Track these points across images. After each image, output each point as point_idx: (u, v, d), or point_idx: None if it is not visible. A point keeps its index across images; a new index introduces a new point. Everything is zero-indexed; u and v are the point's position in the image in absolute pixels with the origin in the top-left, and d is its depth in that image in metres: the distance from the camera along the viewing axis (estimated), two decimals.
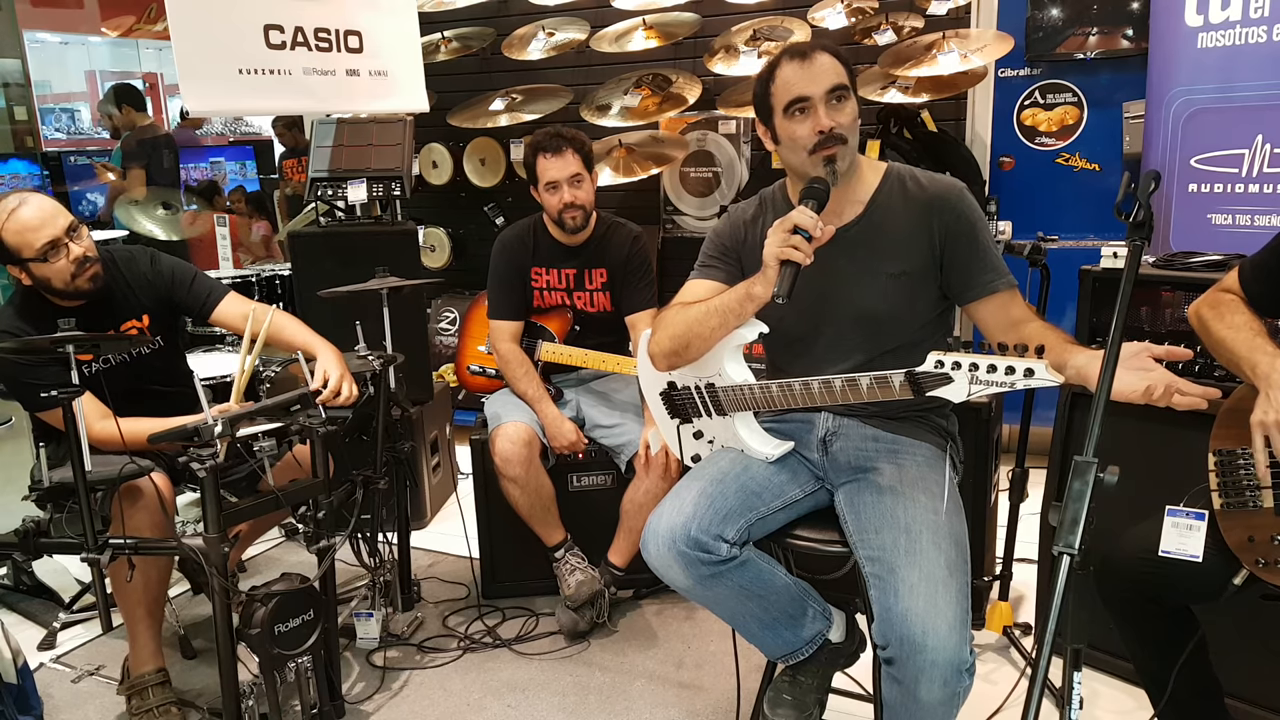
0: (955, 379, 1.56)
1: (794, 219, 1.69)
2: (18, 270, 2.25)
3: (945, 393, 1.58)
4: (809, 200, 1.73)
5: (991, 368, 1.52)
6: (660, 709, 2.40)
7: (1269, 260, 1.69)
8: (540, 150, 2.72)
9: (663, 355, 1.91)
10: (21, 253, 2.21)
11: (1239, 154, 2.80)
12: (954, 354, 1.55)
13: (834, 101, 1.78)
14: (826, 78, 1.78)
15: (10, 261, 2.23)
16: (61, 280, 2.25)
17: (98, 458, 2.12)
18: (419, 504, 3.52)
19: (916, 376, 1.61)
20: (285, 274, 3.94)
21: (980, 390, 1.55)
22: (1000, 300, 1.82)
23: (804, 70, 1.78)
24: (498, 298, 2.89)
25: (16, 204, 2.21)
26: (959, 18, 3.78)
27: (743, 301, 1.78)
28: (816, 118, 1.77)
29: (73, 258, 2.24)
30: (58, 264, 2.23)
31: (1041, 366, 1.50)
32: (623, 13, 4.08)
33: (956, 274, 1.84)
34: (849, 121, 1.79)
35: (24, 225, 2.19)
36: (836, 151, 1.78)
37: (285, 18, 3.34)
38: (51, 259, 2.22)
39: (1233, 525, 1.63)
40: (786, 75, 1.80)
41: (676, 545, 1.74)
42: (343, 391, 2.29)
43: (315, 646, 2.14)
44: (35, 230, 2.19)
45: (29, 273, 2.24)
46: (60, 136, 7.42)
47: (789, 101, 1.79)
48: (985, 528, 2.63)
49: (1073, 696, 1.42)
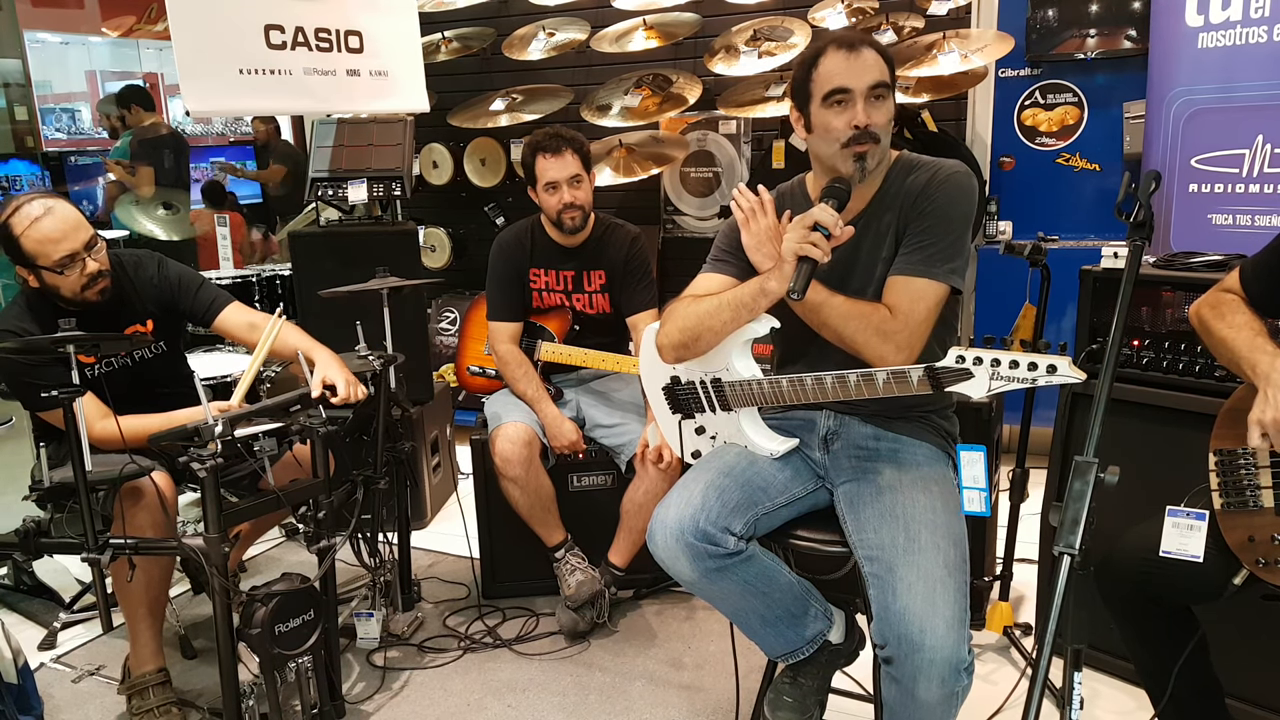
0: (976, 374, 1.55)
1: (815, 216, 1.68)
2: (27, 272, 2.25)
3: (965, 388, 1.57)
4: (830, 199, 1.72)
5: (1014, 363, 1.51)
6: (660, 709, 2.40)
7: (1270, 260, 1.69)
8: (539, 150, 2.72)
9: (671, 347, 1.91)
10: (38, 260, 2.21)
11: (1239, 154, 2.80)
12: (975, 349, 1.55)
13: (874, 99, 1.77)
14: (870, 73, 1.76)
15: (24, 265, 2.24)
16: (70, 291, 2.26)
17: (98, 457, 2.12)
18: (419, 504, 3.52)
19: (936, 372, 1.60)
20: (285, 274, 3.94)
21: (1001, 387, 1.54)
22: (894, 283, 1.77)
23: (850, 62, 1.76)
24: (496, 299, 2.89)
25: (41, 212, 2.20)
26: (959, 18, 3.78)
27: (756, 296, 1.78)
28: (854, 111, 1.75)
29: (86, 272, 2.25)
30: (70, 277, 2.24)
31: (1065, 363, 1.48)
32: (623, 13, 4.09)
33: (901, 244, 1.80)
34: (885, 121, 1.78)
35: (45, 235, 2.19)
36: (869, 149, 1.76)
37: (285, 18, 3.34)
38: (66, 272, 2.23)
39: (1233, 525, 1.63)
40: (831, 64, 1.77)
41: (685, 537, 1.73)
42: (353, 395, 2.31)
43: (315, 646, 2.14)
44: (56, 242, 2.20)
45: (41, 279, 2.25)
46: (61, 136, 7.42)
47: (829, 91, 1.77)
48: (985, 528, 2.62)
49: (1073, 697, 1.42)
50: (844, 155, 1.78)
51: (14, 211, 2.20)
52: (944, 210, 1.78)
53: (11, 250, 2.22)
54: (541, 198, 2.76)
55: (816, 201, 1.75)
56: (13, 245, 2.20)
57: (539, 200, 2.78)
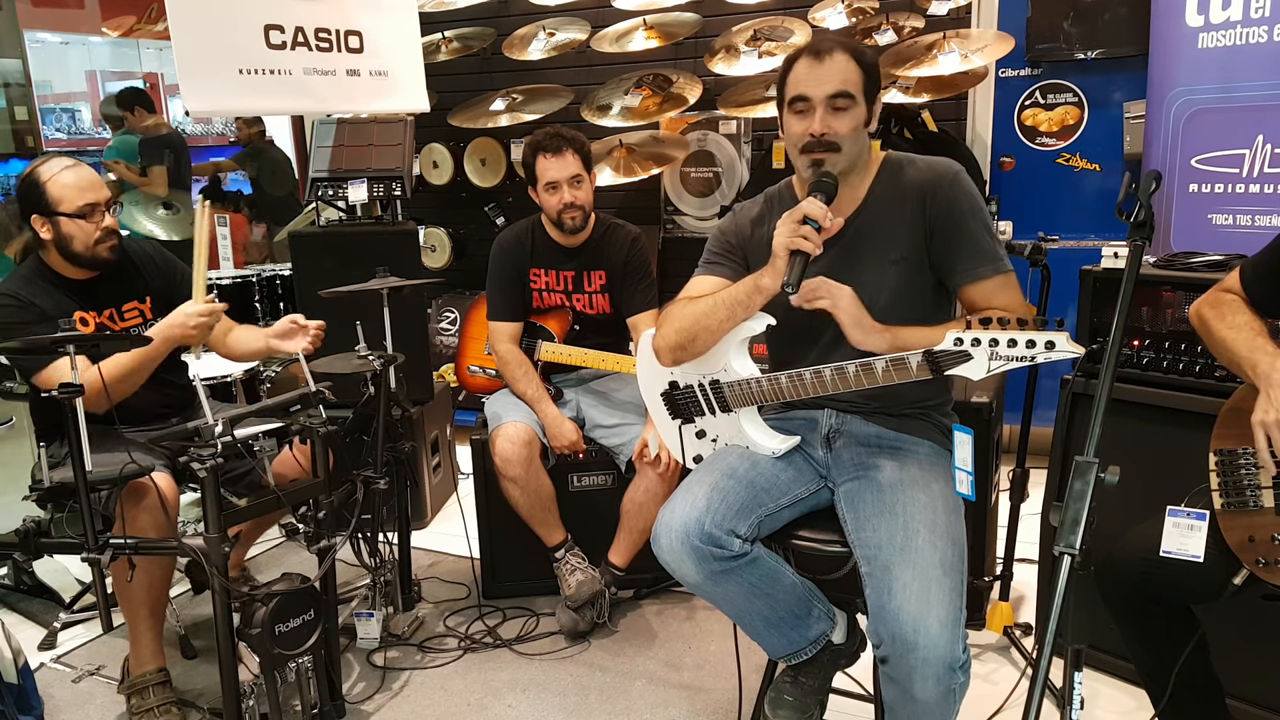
0: (975, 355, 1.55)
1: (804, 209, 1.70)
2: (43, 223, 2.31)
3: (964, 370, 1.57)
4: (818, 192, 1.74)
5: (1012, 342, 1.51)
6: (660, 709, 2.40)
7: (1270, 260, 1.69)
8: (540, 150, 2.72)
9: (668, 349, 1.91)
10: (60, 205, 2.30)
11: (1239, 154, 2.80)
12: (973, 330, 1.54)
13: (834, 109, 1.78)
14: (832, 82, 1.77)
15: (43, 212, 2.31)
16: (84, 243, 2.33)
17: (99, 457, 2.12)
18: (419, 504, 3.52)
19: (935, 355, 1.60)
20: (286, 274, 3.94)
21: (1000, 366, 1.54)
22: (984, 289, 1.80)
23: (813, 70, 1.78)
24: (496, 299, 2.89)
25: (70, 164, 2.35)
26: (959, 18, 3.78)
27: (751, 294, 1.78)
28: (811, 120, 1.78)
29: (103, 226, 2.34)
30: (87, 226, 2.32)
31: (1063, 338, 1.48)
32: (623, 13, 4.09)
33: (943, 259, 1.83)
34: (846, 130, 1.78)
35: (71, 182, 2.31)
36: (825, 158, 1.79)
37: (285, 18, 3.34)
38: (87, 220, 2.32)
39: (1233, 525, 1.63)
40: (797, 71, 1.81)
41: (690, 540, 1.73)
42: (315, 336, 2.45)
43: (316, 646, 2.14)
44: (81, 190, 2.31)
45: (56, 228, 2.31)
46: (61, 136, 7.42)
47: (792, 98, 1.81)
48: (986, 528, 2.62)
49: (1073, 697, 1.42)
50: (803, 161, 1.82)
51: (42, 163, 2.35)
52: (972, 208, 1.81)
53: (33, 196, 2.30)
54: (542, 198, 2.76)
55: (804, 198, 1.76)
56: (37, 191, 2.30)
57: (539, 200, 2.78)
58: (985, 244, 1.81)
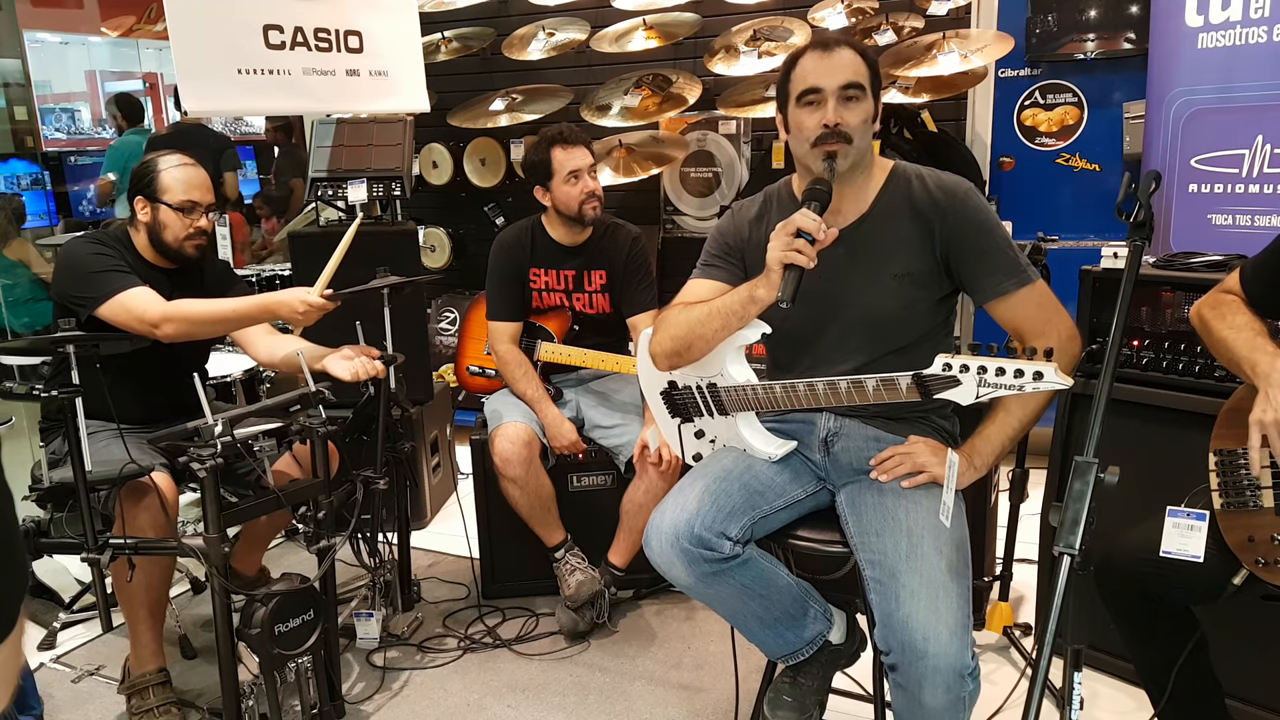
0: (964, 381, 1.56)
1: (797, 222, 1.68)
2: (145, 205, 2.40)
3: (953, 395, 1.58)
4: (811, 202, 1.72)
5: (1000, 370, 1.52)
6: (660, 709, 2.40)
7: (1270, 261, 1.69)
8: (556, 143, 2.74)
9: (664, 355, 1.91)
10: (165, 195, 2.39)
11: (1239, 154, 2.80)
12: (962, 357, 1.55)
13: (846, 99, 1.77)
14: (843, 73, 1.77)
15: (149, 196, 2.39)
16: (175, 235, 2.41)
17: (98, 457, 2.12)
18: (419, 504, 3.52)
19: (924, 379, 1.61)
20: (285, 274, 3.94)
21: (989, 393, 1.55)
22: (1011, 303, 1.80)
23: (822, 62, 1.78)
24: (496, 299, 2.89)
25: (188, 163, 2.47)
26: (959, 18, 3.78)
27: (745, 304, 1.78)
28: (824, 111, 1.77)
29: (197, 226, 2.43)
30: (184, 220, 2.41)
31: (1051, 370, 1.49)
32: (623, 13, 4.08)
33: (965, 278, 1.84)
34: (857, 122, 1.78)
35: (185, 178, 2.42)
36: (838, 149, 1.77)
37: (285, 18, 3.33)
38: (185, 216, 2.41)
39: (1233, 525, 1.63)
40: (805, 64, 1.80)
41: (680, 542, 1.73)
42: (370, 369, 2.43)
43: (315, 646, 2.14)
44: (191, 186, 2.41)
45: (155, 214, 2.40)
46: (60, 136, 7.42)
47: (802, 90, 1.79)
48: (985, 528, 2.63)
49: (1073, 697, 1.43)
50: (814, 154, 1.79)
51: (162, 155, 2.46)
52: (986, 225, 1.82)
53: (145, 180, 2.40)
54: (561, 190, 2.75)
55: (800, 203, 1.76)
56: (149, 176, 2.40)
57: (556, 194, 2.76)
58: (1005, 259, 1.80)
